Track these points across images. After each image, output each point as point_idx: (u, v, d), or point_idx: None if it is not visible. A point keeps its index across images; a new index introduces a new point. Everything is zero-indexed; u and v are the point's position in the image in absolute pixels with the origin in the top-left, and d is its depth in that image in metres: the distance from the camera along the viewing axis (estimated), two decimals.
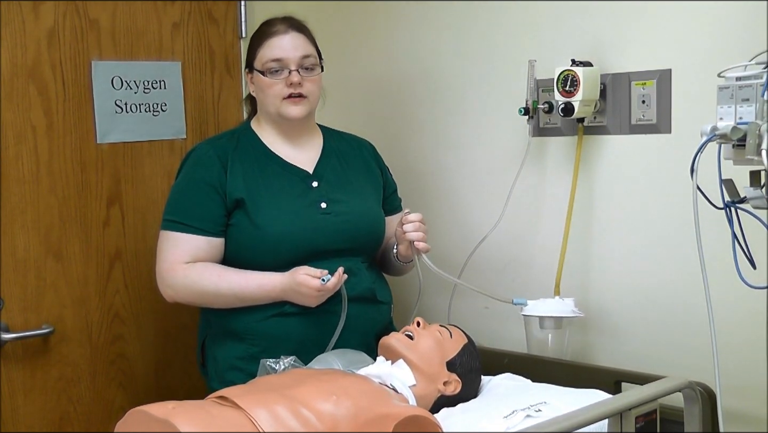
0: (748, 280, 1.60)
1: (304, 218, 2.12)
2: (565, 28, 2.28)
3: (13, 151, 2.27)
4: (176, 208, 2.15)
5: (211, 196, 2.12)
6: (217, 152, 2.17)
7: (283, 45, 2.15)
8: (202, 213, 2.12)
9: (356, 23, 2.77)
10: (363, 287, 2.15)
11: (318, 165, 2.23)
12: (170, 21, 2.57)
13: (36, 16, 2.29)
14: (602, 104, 2.21)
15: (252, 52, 2.20)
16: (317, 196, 2.17)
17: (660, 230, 2.14)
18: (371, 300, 2.18)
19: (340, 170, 2.25)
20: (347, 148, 2.32)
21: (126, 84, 2.47)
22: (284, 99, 2.15)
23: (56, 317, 2.35)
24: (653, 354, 2.15)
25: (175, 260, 2.11)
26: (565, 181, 2.29)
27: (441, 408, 1.90)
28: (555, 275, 2.24)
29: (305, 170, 2.20)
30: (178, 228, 2.12)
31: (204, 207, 2.12)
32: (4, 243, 2.25)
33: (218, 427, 1.57)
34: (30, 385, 2.32)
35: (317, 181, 2.19)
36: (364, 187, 2.28)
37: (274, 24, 2.19)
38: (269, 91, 2.16)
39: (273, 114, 2.19)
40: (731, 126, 1.53)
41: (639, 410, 1.63)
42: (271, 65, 2.14)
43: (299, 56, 2.15)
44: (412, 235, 2.13)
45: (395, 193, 2.40)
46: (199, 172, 2.15)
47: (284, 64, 2.14)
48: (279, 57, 2.14)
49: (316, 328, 2.08)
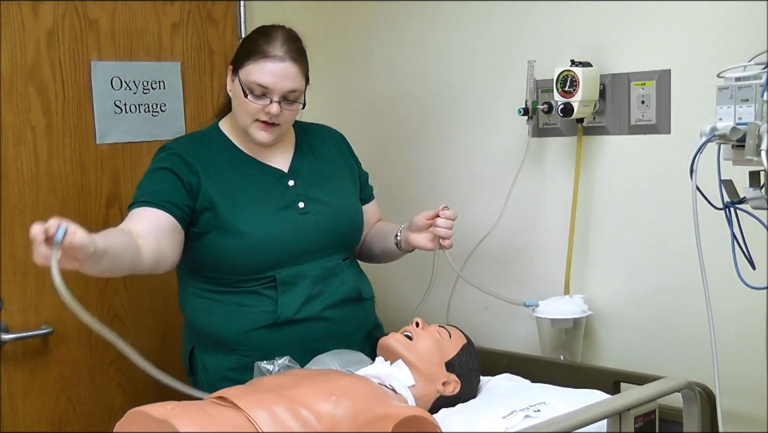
0: (747, 280, 1.60)
1: (283, 219, 2.09)
2: (564, 28, 2.28)
3: (13, 151, 2.27)
4: (141, 191, 2.06)
5: (173, 183, 2.04)
6: (186, 151, 2.10)
7: (275, 73, 2.04)
8: (165, 197, 2.03)
9: (356, 24, 2.77)
10: (348, 286, 2.14)
11: (293, 162, 2.19)
12: (170, 21, 2.57)
13: (35, 17, 2.29)
14: (602, 105, 2.21)
15: (242, 58, 2.09)
16: (294, 196, 2.13)
17: (659, 230, 2.14)
18: (357, 299, 2.17)
19: (315, 165, 2.22)
20: (319, 140, 2.28)
21: (125, 84, 2.47)
22: (256, 121, 2.08)
23: (56, 318, 2.34)
24: (652, 354, 2.15)
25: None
26: (565, 181, 2.29)
27: (440, 409, 1.90)
28: (555, 274, 2.25)
29: (280, 169, 2.16)
30: (137, 205, 2.03)
31: (167, 192, 2.03)
32: (4, 243, 2.25)
33: (217, 427, 1.57)
34: (29, 385, 2.32)
35: (293, 180, 2.15)
36: (340, 181, 2.24)
37: (274, 44, 2.07)
38: (245, 108, 2.08)
39: (242, 126, 2.12)
40: (731, 126, 1.53)
41: (638, 410, 1.63)
42: (255, 88, 2.05)
43: (286, 89, 2.06)
44: (441, 231, 2.11)
45: (367, 182, 2.37)
46: (166, 163, 2.08)
47: (269, 92, 2.05)
48: (266, 85, 2.04)
49: (307, 336, 2.07)
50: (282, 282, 2.06)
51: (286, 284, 2.07)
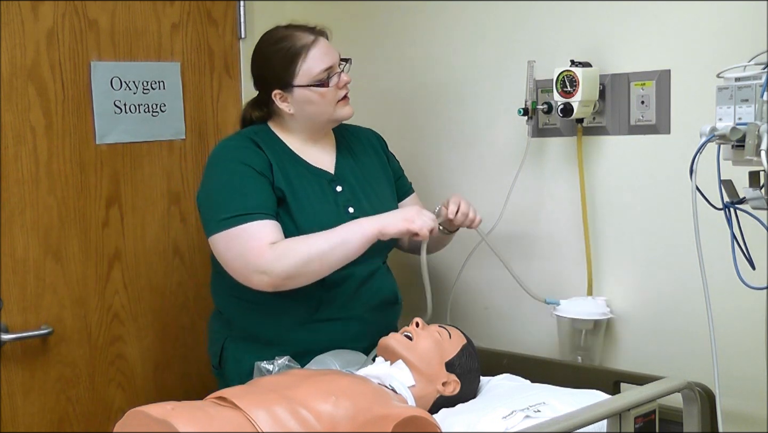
0: (747, 280, 1.60)
1: (336, 221, 2.08)
2: (564, 28, 2.27)
3: (12, 151, 2.27)
4: (231, 204, 2.01)
5: (261, 181, 2.05)
6: (253, 140, 2.12)
7: (324, 51, 2.13)
8: (261, 200, 2.03)
9: (355, 24, 2.77)
10: (388, 289, 2.20)
11: (337, 166, 2.22)
12: (169, 21, 2.57)
13: (35, 17, 2.29)
14: (601, 105, 2.21)
15: (285, 72, 2.11)
16: (344, 201, 2.16)
17: (659, 230, 2.14)
18: (393, 302, 2.22)
19: (357, 170, 2.24)
20: (357, 142, 2.32)
21: (125, 84, 2.47)
22: (338, 102, 2.15)
23: (55, 318, 2.35)
24: (652, 355, 2.15)
25: (260, 246, 1.97)
26: (565, 182, 2.29)
27: (440, 409, 1.90)
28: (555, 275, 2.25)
29: (329, 172, 2.19)
30: (243, 220, 1.99)
31: (261, 194, 2.03)
32: (4, 244, 2.25)
33: (217, 427, 1.57)
34: (29, 385, 2.32)
35: (341, 185, 2.18)
36: (380, 185, 2.28)
37: (299, 37, 2.13)
38: (323, 101, 2.13)
39: (322, 121, 2.16)
40: (730, 127, 1.53)
41: (638, 410, 1.64)
42: (322, 76, 2.11)
43: (338, 58, 2.16)
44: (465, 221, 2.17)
45: (402, 177, 2.41)
46: (243, 160, 2.06)
47: (332, 70, 2.13)
48: (329, 65, 2.12)
49: (343, 335, 2.10)
50: (330, 282, 2.07)
51: (333, 284, 2.08)
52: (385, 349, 1.94)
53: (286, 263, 1.96)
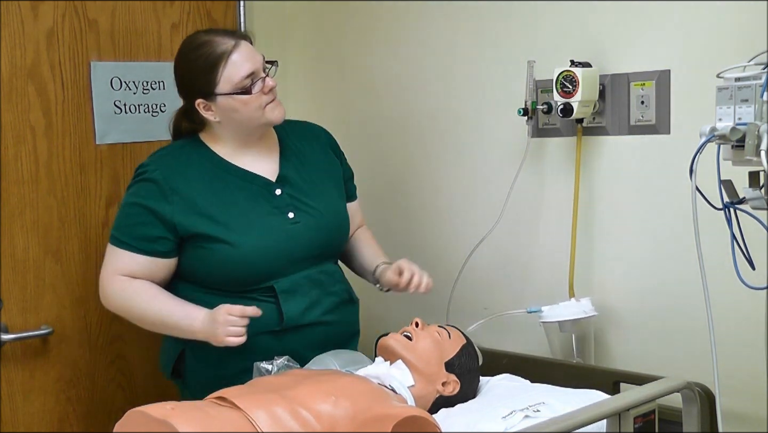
0: (747, 281, 1.60)
1: (274, 230, 2.08)
2: (564, 28, 2.28)
3: (12, 151, 2.27)
4: (119, 225, 2.11)
5: (149, 220, 2.06)
6: (164, 174, 2.08)
7: (245, 56, 2.04)
8: (142, 234, 2.07)
9: (356, 23, 2.77)
10: (342, 290, 2.19)
11: (280, 169, 2.16)
12: (169, 21, 2.57)
13: (35, 17, 2.29)
14: (601, 105, 2.21)
15: (206, 79, 2.04)
16: (282, 206, 2.11)
17: (659, 230, 2.14)
18: (349, 302, 2.21)
19: (302, 170, 2.19)
20: (304, 141, 2.25)
21: (125, 85, 2.47)
22: (265, 107, 2.07)
23: (55, 318, 2.35)
24: (652, 355, 2.15)
25: (115, 271, 2.09)
26: (565, 182, 2.29)
27: (439, 409, 1.90)
28: (555, 275, 2.24)
29: (267, 178, 2.13)
30: (119, 245, 2.08)
31: (143, 229, 2.07)
32: (4, 244, 2.25)
33: (217, 427, 1.57)
34: (29, 386, 2.32)
35: (280, 189, 2.13)
36: (327, 185, 2.23)
37: (219, 43, 2.05)
38: (248, 107, 2.06)
39: (251, 127, 2.10)
40: (730, 127, 1.53)
41: (637, 410, 1.64)
42: (245, 82, 2.03)
43: (261, 61, 2.07)
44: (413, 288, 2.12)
45: (351, 179, 2.35)
46: (141, 195, 2.09)
47: (255, 75, 2.05)
48: (251, 71, 2.04)
49: (307, 341, 2.08)
50: (281, 291, 2.07)
51: (285, 293, 2.07)
52: (384, 349, 1.94)
53: (114, 303, 2.12)
